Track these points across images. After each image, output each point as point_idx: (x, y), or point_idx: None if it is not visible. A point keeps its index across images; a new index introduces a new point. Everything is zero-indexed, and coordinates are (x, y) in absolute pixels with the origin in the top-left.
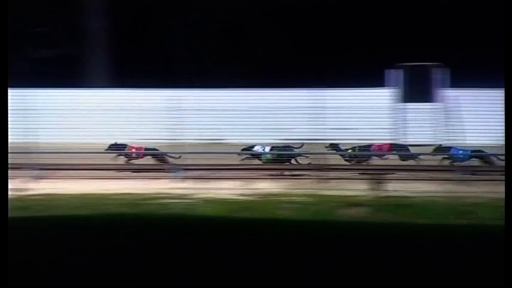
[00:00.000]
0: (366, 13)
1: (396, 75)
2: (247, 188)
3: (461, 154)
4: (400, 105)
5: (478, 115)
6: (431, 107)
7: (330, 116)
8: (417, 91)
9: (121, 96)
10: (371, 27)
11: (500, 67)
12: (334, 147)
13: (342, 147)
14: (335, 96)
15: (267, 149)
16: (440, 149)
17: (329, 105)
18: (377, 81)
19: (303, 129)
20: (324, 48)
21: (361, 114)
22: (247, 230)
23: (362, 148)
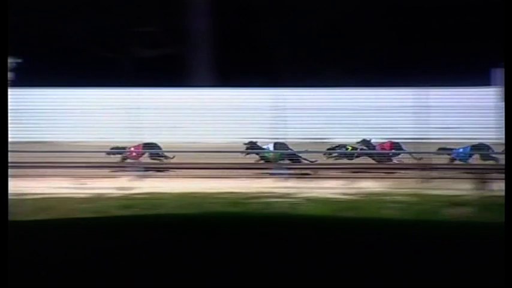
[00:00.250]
0: (472, 11)
1: (502, 73)
2: (350, 187)
3: None
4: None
5: None
6: None
7: (435, 116)
8: None
9: (225, 95)
10: (476, 25)
11: None
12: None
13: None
14: (440, 95)
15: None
16: None
17: (434, 104)
18: (482, 80)
19: (408, 128)
20: (429, 47)
21: (466, 113)
22: (351, 230)
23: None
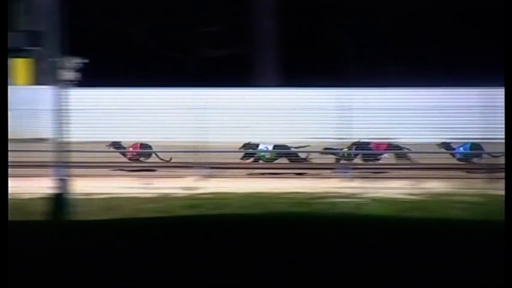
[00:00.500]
0: None
1: None
2: (416, 188)
3: None
4: None
5: None
6: None
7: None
8: None
9: (291, 95)
10: None
11: None
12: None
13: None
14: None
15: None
16: None
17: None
18: None
19: (474, 128)
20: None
21: None
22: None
23: None
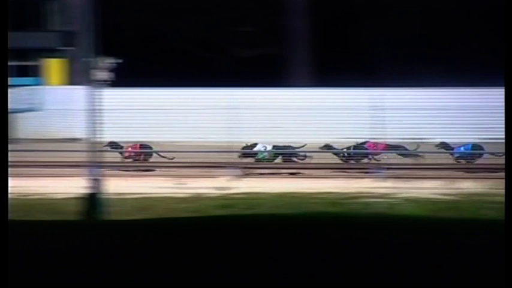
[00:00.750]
0: None
1: None
2: (449, 188)
3: None
4: None
5: None
6: None
7: None
8: None
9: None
10: None
11: None
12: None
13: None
14: None
15: None
16: None
17: None
18: None
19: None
20: None
21: None
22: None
23: None
